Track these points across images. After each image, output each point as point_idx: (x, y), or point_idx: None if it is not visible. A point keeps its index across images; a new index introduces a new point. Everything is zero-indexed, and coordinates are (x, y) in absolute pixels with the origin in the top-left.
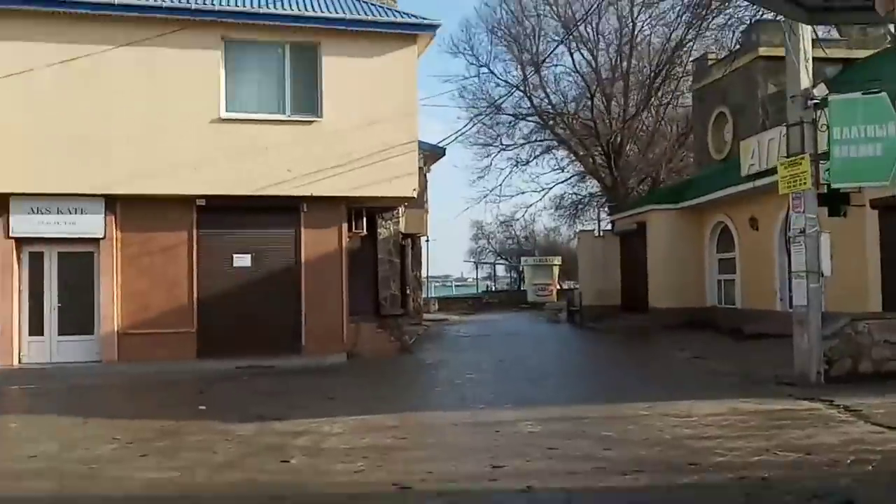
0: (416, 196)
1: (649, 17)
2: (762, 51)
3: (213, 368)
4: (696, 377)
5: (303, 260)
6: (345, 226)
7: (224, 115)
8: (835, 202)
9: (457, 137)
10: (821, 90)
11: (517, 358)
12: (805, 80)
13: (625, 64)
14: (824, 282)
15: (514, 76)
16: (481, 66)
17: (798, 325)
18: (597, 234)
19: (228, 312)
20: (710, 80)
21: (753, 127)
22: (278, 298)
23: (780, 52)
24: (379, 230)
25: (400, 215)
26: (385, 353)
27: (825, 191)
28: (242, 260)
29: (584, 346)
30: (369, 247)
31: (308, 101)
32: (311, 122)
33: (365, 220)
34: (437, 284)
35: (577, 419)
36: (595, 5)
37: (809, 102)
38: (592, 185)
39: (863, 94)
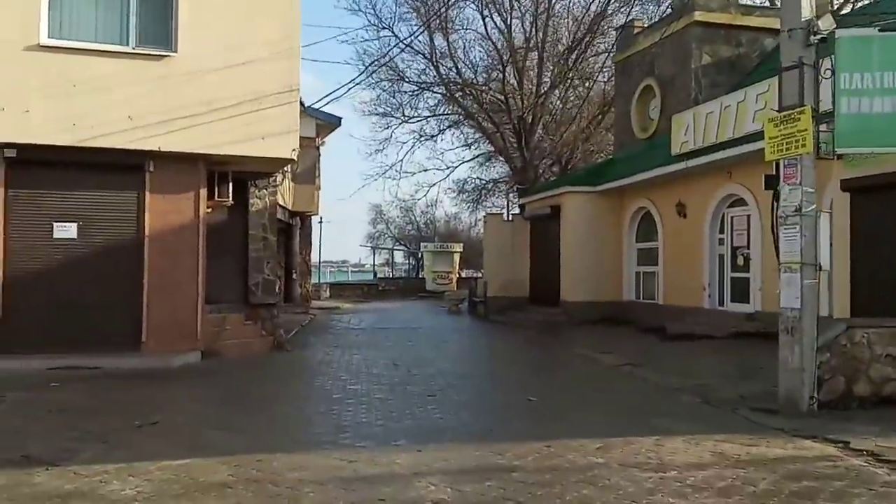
0: (295, 158)
1: None
2: (698, 15)
3: (18, 370)
4: (641, 395)
5: (147, 232)
6: (204, 192)
7: (45, 41)
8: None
9: (350, 89)
10: (827, 22)
11: (416, 360)
12: (806, 8)
13: (540, 34)
14: (820, 278)
15: (420, 41)
16: (383, 27)
17: (786, 333)
18: (505, 219)
19: (45, 297)
20: (637, 50)
21: (684, 102)
22: (113, 280)
23: (719, 18)
24: (251, 201)
25: (279, 183)
26: (253, 351)
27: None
28: (66, 230)
29: (494, 345)
30: (238, 221)
31: (159, 30)
32: (163, 56)
33: (231, 186)
34: (333, 269)
35: (504, 470)
36: None
37: (812, 38)
38: (498, 170)
39: (880, 30)
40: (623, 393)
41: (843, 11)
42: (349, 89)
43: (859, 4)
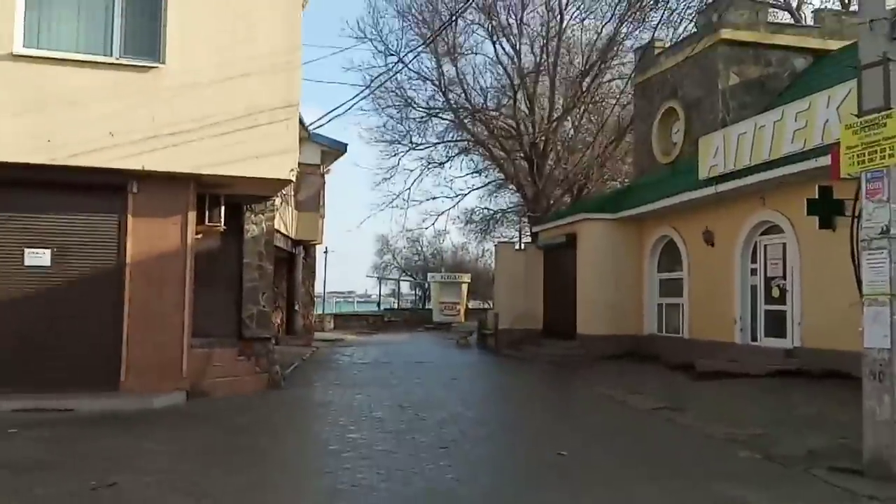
0: (293, 179)
1: (578, 9)
2: (725, 34)
3: None
4: (690, 449)
5: (128, 259)
6: (193, 215)
7: (19, 50)
8: (826, 209)
9: (352, 106)
10: None
11: (424, 400)
12: None
13: (551, 59)
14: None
15: (428, 68)
16: (390, 54)
17: (873, 379)
18: (518, 248)
19: (15, 330)
20: (658, 71)
21: (711, 125)
22: (90, 312)
23: (747, 36)
24: (247, 226)
25: (277, 207)
26: (245, 390)
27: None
28: (38, 256)
29: (509, 383)
30: (232, 248)
31: (146, 39)
32: (149, 68)
33: (224, 210)
34: (339, 300)
35: None
36: None
37: None
38: (508, 199)
39: None
40: (667, 446)
41: None
42: (354, 104)
43: None
